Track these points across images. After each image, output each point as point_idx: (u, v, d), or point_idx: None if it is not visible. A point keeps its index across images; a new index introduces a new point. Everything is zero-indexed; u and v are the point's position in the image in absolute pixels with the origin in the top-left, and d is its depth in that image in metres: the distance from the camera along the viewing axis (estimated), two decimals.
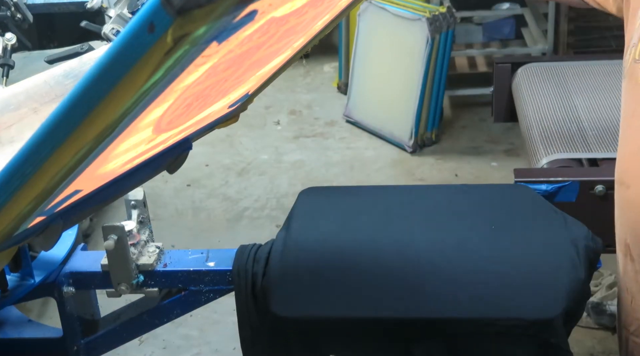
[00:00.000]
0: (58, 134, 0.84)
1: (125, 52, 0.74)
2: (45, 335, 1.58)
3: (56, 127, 0.82)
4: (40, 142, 0.84)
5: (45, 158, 0.87)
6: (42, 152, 0.86)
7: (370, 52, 4.39)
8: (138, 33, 0.72)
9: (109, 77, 0.76)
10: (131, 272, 1.44)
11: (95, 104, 0.79)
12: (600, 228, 1.50)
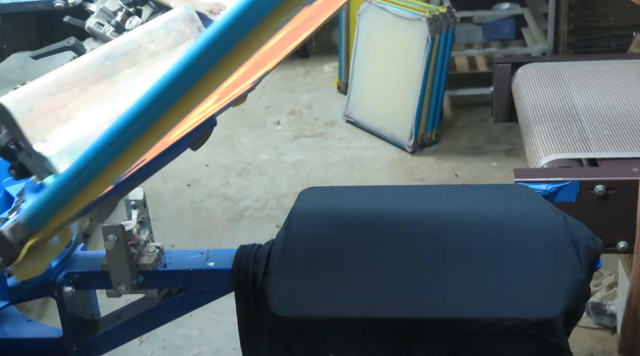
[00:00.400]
0: (182, 86, 0.88)
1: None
2: (45, 335, 1.58)
3: (181, 77, 0.87)
4: (161, 94, 0.89)
5: (158, 114, 0.92)
6: (159, 107, 0.91)
7: (370, 52, 4.39)
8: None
9: (249, 20, 0.79)
10: (131, 272, 1.44)
11: (227, 50, 0.82)
12: (600, 228, 1.50)
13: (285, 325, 1.34)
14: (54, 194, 1.01)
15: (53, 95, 1.08)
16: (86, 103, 1.11)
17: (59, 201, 1.02)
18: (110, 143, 0.97)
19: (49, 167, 1.06)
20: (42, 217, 1.04)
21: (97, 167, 0.98)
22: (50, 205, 1.02)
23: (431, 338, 1.33)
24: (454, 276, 1.38)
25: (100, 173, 0.99)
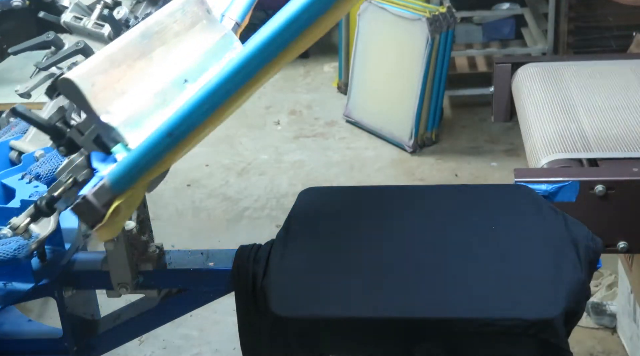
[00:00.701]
0: (275, 46, 1.08)
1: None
2: (45, 335, 1.58)
3: (277, 38, 1.07)
4: (260, 51, 1.07)
5: (252, 73, 1.09)
6: (255, 65, 1.08)
7: (370, 52, 4.39)
8: None
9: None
10: (131, 272, 1.44)
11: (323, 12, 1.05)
12: (600, 228, 1.50)
13: (285, 325, 1.34)
14: (144, 154, 1.11)
15: (108, 71, 1.17)
16: (133, 78, 1.20)
17: (149, 160, 1.11)
18: (204, 102, 1.09)
19: (116, 136, 1.15)
20: (130, 177, 1.12)
21: (190, 124, 1.10)
22: (139, 164, 1.12)
23: (431, 338, 1.33)
24: (454, 277, 1.38)
25: (192, 131, 1.11)
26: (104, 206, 1.12)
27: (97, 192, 1.12)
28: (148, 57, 1.26)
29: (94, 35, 1.71)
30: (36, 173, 1.54)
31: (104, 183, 1.12)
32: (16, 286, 1.42)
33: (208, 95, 1.10)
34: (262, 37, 1.08)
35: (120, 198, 1.13)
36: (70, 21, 1.73)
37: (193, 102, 1.11)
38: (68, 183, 1.21)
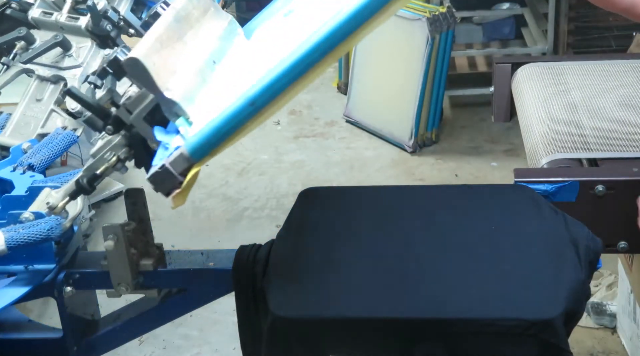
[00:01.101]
0: (355, 24, 1.18)
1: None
2: (45, 335, 1.58)
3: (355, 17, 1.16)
4: (343, 26, 1.17)
5: (334, 45, 1.19)
6: (338, 37, 1.18)
7: (370, 51, 4.39)
8: None
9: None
10: (131, 272, 1.44)
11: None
12: (600, 228, 1.49)
13: (285, 325, 1.34)
14: (226, 122, 1.18)
15: (160, 51, 1.25)
16: (177, 59, 1.28)
17: (230, 128, 1.18)
18: (287, 73, 1.18)
19: (178, 110, 1.22)
20: (209, 145, 1.19)
21: (272, 94, 1.19)
22: (220, 133, 1.18)
23: (431, 338, 1.33)
24: (454, 277, 1.38)
25: (272, 100, 1.19)
26: (181, 174, 1.18)
27: (175, 161, 1.18)
28: (183, 40, 1.33)
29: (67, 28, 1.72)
30: (28, 164, 1.55)
31: (181, 153, 1.18)
32: (38, 268, 1.44)
33: (291, 67, 1.18)
34: (348, 11, 1.16)
35: (198, 165, 1.19)
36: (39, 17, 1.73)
37: (277, 73, 1.18)
38: (112, 161, 1.29)
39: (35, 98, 1.71)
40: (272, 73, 1.19)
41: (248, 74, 1.31)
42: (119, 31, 1.73)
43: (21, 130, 1.68)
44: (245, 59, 1.42)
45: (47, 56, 1.71)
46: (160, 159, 1.19)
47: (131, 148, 1.31)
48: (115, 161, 1.29)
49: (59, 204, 1.34)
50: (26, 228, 1.37)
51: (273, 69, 1.19)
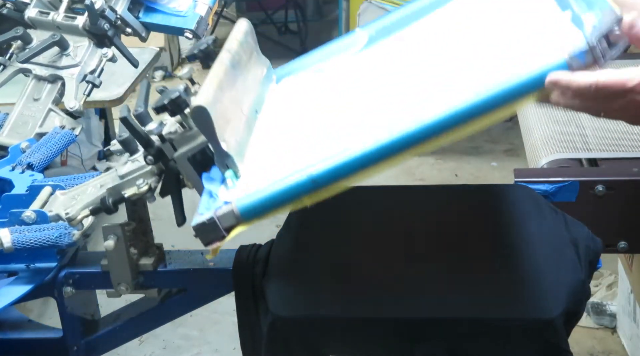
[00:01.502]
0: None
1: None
2: (45, 335, 1.58)
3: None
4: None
5: (403, 149, 1.13)
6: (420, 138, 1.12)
7: None
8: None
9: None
10: (131, 272, 1.44)
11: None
12: (600, 228, 1.49)
13: (285, 325, 1.34)
14: (283, 192, 1.16)
15: (220, 99, 1.24)
16: (231, 106, 1.28)
17: (286, 199, 1.16)
18: (357, 160, 1.14)
19: (230, 163, 1.22)
20: (262, 210, 1.18)
21: (336, 176, 1.15)
22: (275, 201, 1.17)
23: (431, 338, 1.33)
24: (454, 277, 1.38)
25: (336, 182, 1.16)
26: (226, 229, 1.18)
27: (224, 216, 1.17)
28: (235, 86, 1.33)
29: (64, 28, 1.71)
30: (27, 163, 1.55)
31: (232, 210, 1.17)
32: (40, 267, 1.43)
33: (362, 156, 1.13)
34: (443, 113, 1.11)
35: (244, 226, 1.19)
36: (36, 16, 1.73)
37: (346, 157, 1.14)
38: (143, 190, 1.31)
39: (33, 97, 1.70)
40: (340, 156, 1.15)
41: (293, 134, 1.32)
42: (116, 30, 1.73)
43: (19, 130, 1.68)
44: (284, 113, 1.42)
45: (44, 55, 1.70)
46: (207, 209, 1.19)
47: (162, 178, 1.33)
48: (146, 190, 1.31)
49: (77, 217, 1.34)
50: (33, 231, 1.36)
51: (344, 153, 1.15)
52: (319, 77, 1.53)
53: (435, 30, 1.46)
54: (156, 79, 5.50)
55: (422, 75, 1.33)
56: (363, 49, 1.53)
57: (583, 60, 1.08)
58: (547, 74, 1.09)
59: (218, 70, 1.31)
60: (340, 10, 4.80)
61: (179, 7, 1.75)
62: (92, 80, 1.69)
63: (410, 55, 1.43)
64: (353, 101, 1.37)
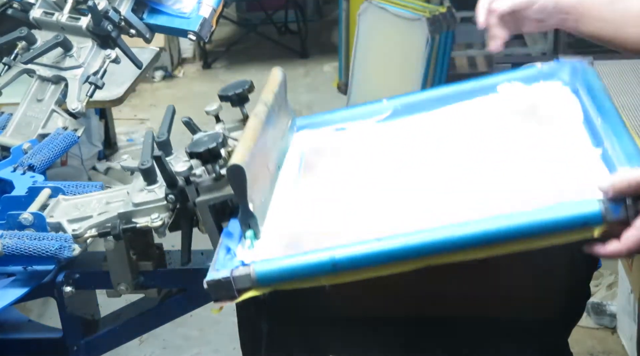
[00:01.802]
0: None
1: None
2: (45, 335, 1.57)
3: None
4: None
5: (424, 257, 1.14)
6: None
7: (370, 52, 4.39)
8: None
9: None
10: (131, 272, 1.44)
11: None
12: None
13: (285, 325, 1.34)
14: (302, 269, 1.15)
15: (252, 157, 1.25)
16: (259, 163, 1.29)
17: (304, 277, 1.15)
18: (380, 255, 1.13)
19: (253, 224, 1.23)
20: (278, 280, 1.16)
21: (358, 266, 1.13)
22: (294, 275, 1.15)
23: (432, 337, 1.33)
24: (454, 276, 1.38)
25: (358, 271, 1.14)
26: (238, 290, 1.17)
27: (240, 278, 1.16)
28: (264, 140, 1.34)
29: (68, 29, 1.71)
30: (29, 164, 1.55)
31: (249, 273, 1.16)
32: (37, 269, 1.42)
33: (387, 252, 1.13)
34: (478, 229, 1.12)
35: (257, 291, 1.17)
36: (41, 17, 1.73)
37: (373, 249, 1.13)
38: (156, 225, 1.31)
39: (36, 98, 1.70)
40: (366, 247, 1.14)
41: (316, 202, 1.34)
42: (119, 31, 1.73)
43: (22, 131, 1.68)
44: (307, 174, 1.43)
45: (48, 56, 1.70)
46: (223, 266, 1.18)
47: (175, 214, 1.33)
48: (160, 225, 1.31)
49: (84, 235, 1.34)
50: (32, 239, 1.36)
51: (369, 244, 1.14)
52: (341, 137, 1.54)
53: (464, 126, 1.46)
54: (156, 79, 5.50)
55: (451, 174, 1.33)
56: (386, 120, 1.54)
57: (617, 214, 1.08)
58: (581, 219, 1.09)
59: (255, 126, 1.31)
60: (340, 10, 4.80)
61: (183, 8, 1.74)
62: (94, 82, 1.69)
63: (438, 144, 1.43)
64: (382, 180, 1.37)
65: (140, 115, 4.96)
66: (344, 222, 1.28)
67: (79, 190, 1.51)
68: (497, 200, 1.21)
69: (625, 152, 1.18)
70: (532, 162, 1.29)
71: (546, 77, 1.49)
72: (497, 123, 1.44)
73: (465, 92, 1.53)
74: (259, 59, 5.57)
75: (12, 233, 1.37)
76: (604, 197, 1.09)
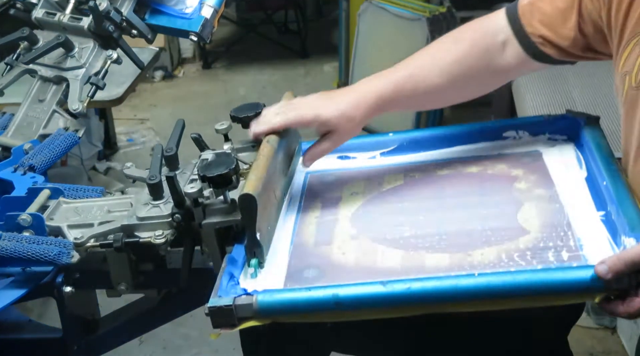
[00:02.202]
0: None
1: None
2: (45, 335, 1.57)
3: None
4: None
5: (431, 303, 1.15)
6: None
7: (370, 52, 4.39)
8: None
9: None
10: (131, 272, 1.44)
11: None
12: None
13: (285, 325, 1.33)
14: (306, 303, 1.16)
15: (264, 186, 1.29)
16: (266, 191, 1.31)
17: (307, 311, 1.16)
18: (386, 298, 1.13)
19: (259, 254, 1.26)
20: (280, 312, 1.17)
21: (361, 306, 1.14)
22: (296, 309, 1.16)
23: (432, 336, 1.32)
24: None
25: (361, 311, 1.14)
26: (239, 319, 1.17)
27: (242, 307, 1.17)
28: (275, 167, 1.37)
29: (70, 29, 1.71)
30: (29, 165, 1.55)
31: (252, 303, 1.16)
32: (36, 270, 1.42)
33: (390, 296, 1.13)
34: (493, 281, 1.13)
35: (258, 322, 1.17)
36: (43, 17, 1.73)
37: (374, 292, 1.14)
38: (160, 242, 1.31)
39: (38, 98, 1.70)
40: (370, 288, 1.15)
41: (320, 233, 1.36)
42: (121, 32, 1.73)
43: (23, 131, 1.68)
44: (311, 204, 1.46)
45: (50, 57, 1.70)
46: (226, 293, 1.19)
47: (178, 232, 1.33)
48: (162, 242, 1.31)
49: (86, 245, 1.34)
50: (30, 242, 1.36)
51: (373, 287, 1.15)
52: (345, 164, 1.58)
53: (465, 171, 1.49)
54: (156, 79, 5.50)
55: (455, 216, 1.36)
56: (390, 154, 1.58)
57: (619, 284, 1.09)
58: (583, 284, 1.10)
59: (268, 154, 1.33)
60: (340, 10, 4.80)
61: (184, 9, 1.74)
62: (96, 82, 1.69)
63: (438, 186, 1.46)
64: (384, 213, 1.40)
65: (140, 115, 4.96)
66: (345, 251, 1.30)
67: (79, 194, 1.51)
68: (488, 255, 1.23)
69: (628, 219, 1.19)
70: (531, 217, 1.31)
71: (552, 130, 1.51)
72: (498, 173, 1.46)
73: (472, 134, 1.57)
74: (259, 59, 5.57)
75: (11, 235, 1.37)
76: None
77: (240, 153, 1.50)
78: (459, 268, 1.21)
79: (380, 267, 1.25)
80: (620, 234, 1.19)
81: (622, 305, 1.10)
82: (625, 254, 1.09)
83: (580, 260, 1.18)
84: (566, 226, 1.26)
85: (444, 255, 1.26)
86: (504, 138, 1.55)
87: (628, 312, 1.09)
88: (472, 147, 1.55)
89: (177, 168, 1.43)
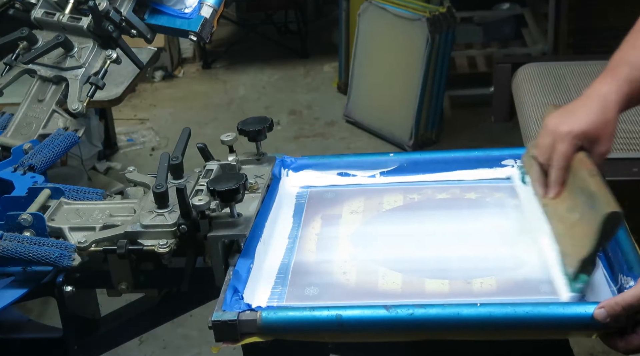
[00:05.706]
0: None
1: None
2: (45, 335, 1.57)
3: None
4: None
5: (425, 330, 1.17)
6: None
7: (370, 52, 4.39)
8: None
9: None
10: (131, 272, 1.44)
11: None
12: None
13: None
14: (307, 321, 1.17)
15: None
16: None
17: (308, 330, 1.18)
18: (388, 322, 1.14)
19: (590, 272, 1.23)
20: (283, 329, 1.18)
21: (360, 330, 1.15)
22: (297, 326, 1.18)
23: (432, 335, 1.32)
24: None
25: (359, 334, 1.16)
26: (242, 334, 1.18)
27: (246, 322, 1.18)
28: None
29: (69, 29, 1.71)
30: (29, 165, 1.55)
31: (256, 319, 1.17)
32: (36, 270, 1.42)
33: (392, 319, 1.14)
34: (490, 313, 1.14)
35: (260, 338, 1.18)
36: (42, 17, 1.72)
37: (377, 315, 1.15)
38: (163, 251, 1.30)
39: (37, 98, 1.70)
40: (374, 312, 1.16)
41: (325, 250, 1.37)
42: (120, 32, 1.73)
43: (23, 131, 1.68)
44: (313, 219, 1.48)
45: (49, 56, 1.70)
46: (230, 307, 1.20)
47: (181, 242, 1.33)
48: (166, 251, 1.31)
49: (89, 249, 1.34)
50: (32, 244, 1.36)
51: (377, 310, 1.16)
52: (345, 181, 1.59)
53: (462, 198, 1.51)
54: (156, 79, 5.50)
55: (453, 242, 1.38)
56: (390, 174, 1.59)
57: (618, 322, 1.11)
58: (583, 320, 1.12)
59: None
60: (340, 10, 4.80)
61: (184, 9, 1.74)
62: (95, 82, 1.69)
63: (442, 209, 1.48)
64: (389, 242, 1.41)
65: (140, 115, 4.96)
66: (346, 271, 1.32)
67: (80, 196, 1.51)
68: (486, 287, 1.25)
69: (625, 257, 1.21)
70: (530, 247, 1.32)
71: None
72: (495, 201, 1.48)
73: (471, 160, 1.58)
74: (259, 59, 5.57)
75: (12, 236, 1.37)
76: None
77: (244, 165, 1.51)
78: (459, 295, 1.23)
79: (380, 290, 1.27)
80: (617, 272, 1.21)
81: (621, 341, 1.11)
82: (623, 298, 1.10)
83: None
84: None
85: (443, 281, 1.27)
86: (502, 166, 1.56)
87: (627, 348, 1.11)
88: (471, 172, 1.57)
89: (182, 177, 1.43)
